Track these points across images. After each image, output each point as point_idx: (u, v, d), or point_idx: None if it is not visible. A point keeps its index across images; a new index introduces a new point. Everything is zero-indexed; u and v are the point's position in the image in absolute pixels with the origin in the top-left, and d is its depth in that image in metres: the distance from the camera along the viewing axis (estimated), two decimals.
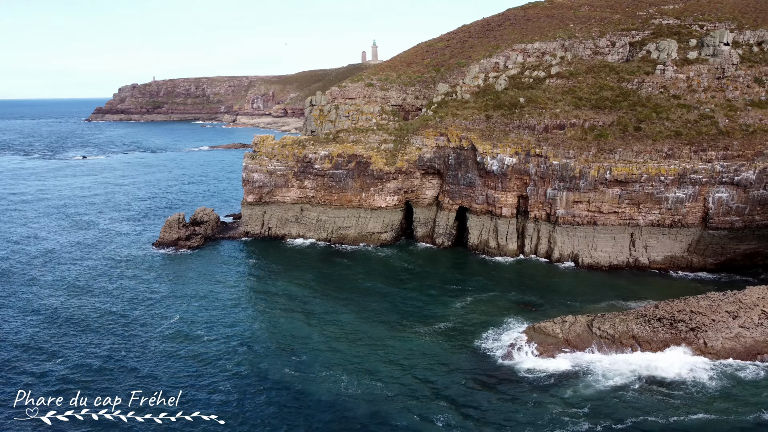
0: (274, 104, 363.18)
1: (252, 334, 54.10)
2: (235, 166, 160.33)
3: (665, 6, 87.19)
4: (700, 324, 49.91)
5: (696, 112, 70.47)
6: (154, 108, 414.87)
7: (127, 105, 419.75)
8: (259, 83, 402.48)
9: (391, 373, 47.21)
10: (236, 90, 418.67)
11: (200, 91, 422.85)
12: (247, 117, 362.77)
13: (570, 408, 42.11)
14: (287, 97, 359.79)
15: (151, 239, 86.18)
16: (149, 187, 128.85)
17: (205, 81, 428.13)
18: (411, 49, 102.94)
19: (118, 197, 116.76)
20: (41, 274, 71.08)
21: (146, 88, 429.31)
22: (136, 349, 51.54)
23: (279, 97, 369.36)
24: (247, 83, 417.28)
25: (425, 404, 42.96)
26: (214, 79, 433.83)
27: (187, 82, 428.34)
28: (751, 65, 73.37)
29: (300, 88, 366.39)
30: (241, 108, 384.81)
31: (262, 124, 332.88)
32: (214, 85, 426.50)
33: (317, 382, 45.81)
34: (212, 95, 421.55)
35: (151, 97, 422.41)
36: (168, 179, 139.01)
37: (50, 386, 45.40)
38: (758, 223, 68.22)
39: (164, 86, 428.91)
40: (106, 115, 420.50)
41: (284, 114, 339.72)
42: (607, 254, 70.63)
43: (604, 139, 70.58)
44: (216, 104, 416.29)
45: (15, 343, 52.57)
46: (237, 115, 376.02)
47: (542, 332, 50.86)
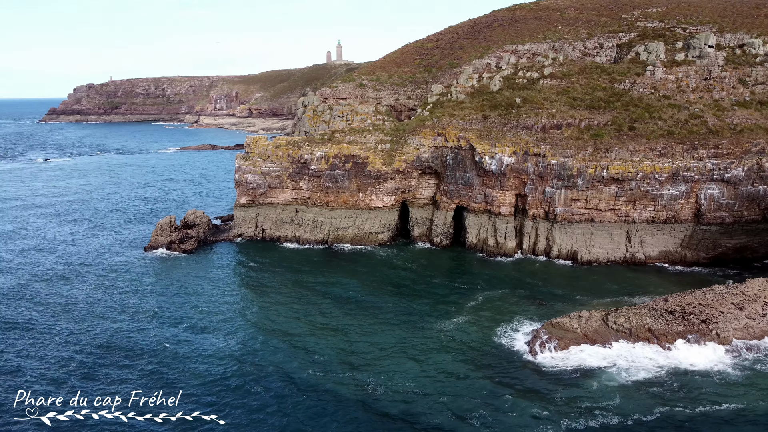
0: (238, 105, 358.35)
1: (260, 336, 53.51)
2: (211, 168, 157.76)
3: (648, 9, 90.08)
4: (710, 316, 51.85)
5: (686, 112, 73.05)
6: (112, 109, 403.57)
7: (84, 105, 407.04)
8: (221, 83, 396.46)
9: (417, 371, 47.41)
10: (197, 90, 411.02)
11: (160, 91, 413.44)
12: (211, 117, 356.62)
13: (599, 401, 43.12)
14: (252, 97, 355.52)
15: (141, 243, 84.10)
16: (126, 189, 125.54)
17: (165, 81, 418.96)
18: (399, 50, 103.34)
19: (96, 201, 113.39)
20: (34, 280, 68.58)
21: (103, 88, 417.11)
22: (137, 350, 50.78)
23: (243, 97, 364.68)
24: (208, 83, 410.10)
25: (457, 400, 43.34)
26: (175, 78, 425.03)
27: (146, 82, 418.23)
28: (735, 67, 76.47)
29: (264, 88, 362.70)
30: (203, 108, 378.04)
31: (227, 125, 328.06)
32: (175, 85, 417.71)
33: (343, 382, 45.65)
34: (173, 95, 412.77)
35: (109, 98, 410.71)
36: (144, 182, 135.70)
37: (50, 386, 44.66)
38: (746, 218, 71.19)
39: (122, 86, 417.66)
40: (61, 116, 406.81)
41: (249, 114, 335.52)
42: (605, 250, 72.51)
43: (600, 138, 72.43)
44: (177, 105, 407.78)
45: (14, 348, 50.84)
46: (199, 115, 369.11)
47: (560, 327, 51.95)
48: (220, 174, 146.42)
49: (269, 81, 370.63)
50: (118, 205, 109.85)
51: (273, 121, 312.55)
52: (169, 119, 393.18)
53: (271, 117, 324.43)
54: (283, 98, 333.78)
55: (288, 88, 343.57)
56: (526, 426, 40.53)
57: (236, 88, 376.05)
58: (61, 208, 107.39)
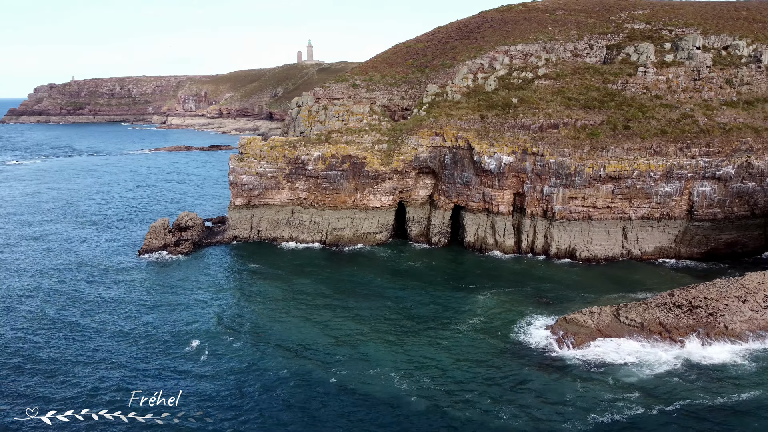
0: (208, 105, 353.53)
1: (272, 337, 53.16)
2: (190, 169, 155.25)
3: (635, 11, 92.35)
4: (716, 309, 53.53)
5: (678, 112, 75.17)
6: (76, 109, 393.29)
7: (45, 106, 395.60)
8: (188, 83, 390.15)
9: (438, 370, 47.72)
10: (164, 90, 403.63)
11: (125, 91, 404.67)
12: (179, 118, 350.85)
13: (621, 394, 44.12)
14: (221, 97, 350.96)
15: (133, 247, 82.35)
16: (108, 192, 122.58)
17: (131, 81, 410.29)
18: (390, 50, 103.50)
19: (79, 204, 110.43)
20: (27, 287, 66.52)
21: (66, 88, 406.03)
22: (138, 351, 50.23)
23: (212, 97, 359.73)
24: (175, 83, 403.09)
25: (482, 396, 43.83)
26: (140, 78, 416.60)
27: (110, 82, 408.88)
28: (722, 68, 79.03)
29: (234, 88, 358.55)
30: (171, 109, 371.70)
31: (196, 126, 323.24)
32: (141, 85, 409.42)
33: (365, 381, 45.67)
34: (139, 96, 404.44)
35: (72, 98, 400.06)
36: (124, 184, 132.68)
37: (50, 388, 44.38)
38: (737, 214, 73.66)
39: (86, 86, 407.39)
40: (21, 117, 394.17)
41: (219, 115, 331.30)
42: (603, 247, 74.10)
43: (596, 137, 73.97)
44: (143, 105, 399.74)
45: (12, 356, 49.48)
46: (167, 116, 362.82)
47: (574, 323, 52.97)
48: (200, 175, 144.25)
49: (239, 81, 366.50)
50: (100, 208, 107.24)
51: (245, 122, 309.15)
52: (136, 120, 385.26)
53: (242, 117, 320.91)
54: (254, 98, 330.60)
55: (258, 88, 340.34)
56: (553, 420, 41.25)
57: (205, 88, 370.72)
58: (41, 212, 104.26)
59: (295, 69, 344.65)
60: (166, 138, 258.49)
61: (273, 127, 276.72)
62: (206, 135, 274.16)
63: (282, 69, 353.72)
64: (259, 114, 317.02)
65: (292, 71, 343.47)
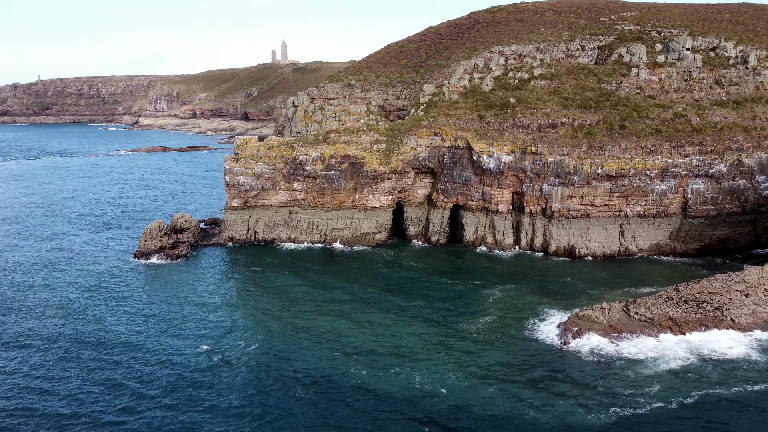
0: (181, 105, 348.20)
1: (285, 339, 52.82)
2: (173, 170, 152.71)
3: (624, 13, 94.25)
4: (721, 303, 55.03)
5: (671, 111, 76.99)
6: (42, 110, 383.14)
7: (10, 106, 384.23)
8: (160, 83, 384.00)
9: (457, 367, 48.03)
10: (134, 90, 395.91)
11: (94, 91, 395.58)
12: (151, 118, 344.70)
13: (640, 388, 45.00)
14: (195, 97, 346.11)
15: (127, 250, 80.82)
16: (92, 194, 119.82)
17: (100, 80, 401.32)
18: (382, 50, 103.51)
19: (64, 207, 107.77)
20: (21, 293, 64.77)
21: (31, 87, 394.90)
22: (149, 358, 49.43)
23: (185, 97, 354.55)
24: (146, 83, 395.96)
25: (505, 393, 44.36)
26: (110, 78, 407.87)
27: (78, 82, 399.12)
28: (711, 68, 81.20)
29: (207, 88, 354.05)
30: (142, 109, 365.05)
31: (170, 126, 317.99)
32: (110, 85, 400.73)
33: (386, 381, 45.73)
34: (108, 96, 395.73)
35: (38, 98, 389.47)
36: (107, 186, 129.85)
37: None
38: (728, 211, 75.80)
39: (52, 86, 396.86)
40: None
41: (193, 115, 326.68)
42: (601, 244, 75.45)
43: (594, 136, 75.28)
44: (113, 105, 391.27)
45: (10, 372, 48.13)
46: (138, 116, 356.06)
47: (587, 319, 53.87)
48: (184, 176, 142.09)
49: (212, 81, 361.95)
50: (87, 210, 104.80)
51: (219, 122, 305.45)
52: (105, 120, 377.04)
53: (216, 118, 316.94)
54: (228, 98, 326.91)
55: (233, 88, 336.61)
56: (576, 414, 41.92)
57: (177, 87, 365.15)
58: (25, 216, 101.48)
59: (270, 69, 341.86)
60: (140, 139, 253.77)
61: (249, 128, 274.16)
62: (182, 135, 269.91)
63: (256, 69, 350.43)
64: (233, 114, 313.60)
65: (267, 71, 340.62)
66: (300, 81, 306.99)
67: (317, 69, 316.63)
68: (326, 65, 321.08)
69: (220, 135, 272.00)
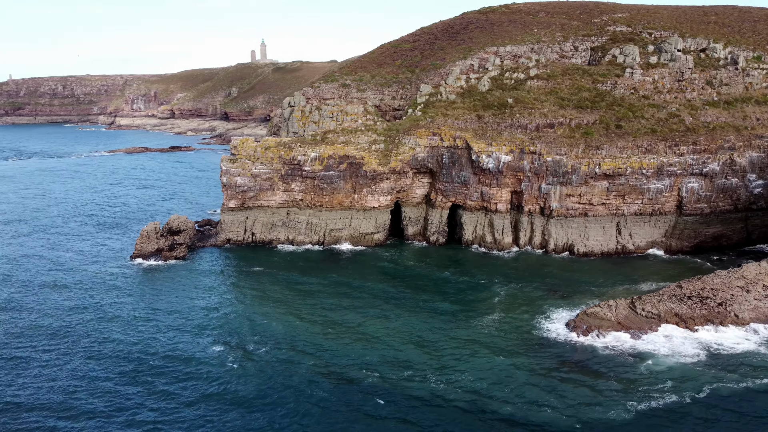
0: (158, 105, 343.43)
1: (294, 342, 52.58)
2: (158, 171, 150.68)
3: (615, 14, 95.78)
4: (724, 299, 56.29)
5: (665, 111, 78.47)
6: (15, 110, 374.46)
7: None
8: (136, 83, 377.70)
9: (471, 365, 48.33)
10: (110, 90, 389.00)
11: (69, 90, 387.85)
12: (128, 119, 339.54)
13: (653, 383, 45.76)
14: (173, 97, 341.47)
15: (123, 252, 79.63)
16: (79, 196, 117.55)
17: (74, 80, 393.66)
18: (376, 50, 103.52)
19: (51, 209, 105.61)
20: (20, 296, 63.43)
21: (3, 87, 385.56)
22: (161, 365, 48.62)
23: (163, 97, 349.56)
24: (122, 82, 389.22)
25: (522, 390, 44.78)
26: (84, 78, 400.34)
27: (52, 81, 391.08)
28: (702, 69, 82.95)
29: (186, 88, 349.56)
30: (118, 109, 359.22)
31: (148, 126, 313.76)
32: (85, 85, 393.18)
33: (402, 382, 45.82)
34: (83, 95, 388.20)
35: (10, 98, 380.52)
36: (94, 187, 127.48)
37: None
38: (721, 209, 77.53)
39: (25, 85, 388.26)
40: None
41: (171, 115, 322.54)
42: (599, 242, 76.55)
43: (591, 136, 76.37)
44: (88, 105, 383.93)
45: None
46: (115, 116, 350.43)
47: (596, 316, 54.66)
48: (170, 177, 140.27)
49: (190, 80, 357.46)
50: (77, 212, 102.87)
51: (199, 122, 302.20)
52: (81, 120, 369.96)
53: (195, 118, 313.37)
54: (208, 98, 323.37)
55: (212, 87, 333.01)
56: (594, 410, 42.43)
57: (155, 87, 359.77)
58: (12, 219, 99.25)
59: (249, 68, 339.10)
60: (119, 139, 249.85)
61: (230, 128, 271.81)
62: (161, 136, 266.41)
63: (235, 68, 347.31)
64: (213, 114, 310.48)
65: (246, 71, 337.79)
66: (280, 81, 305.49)
67: (298, 69, 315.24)
68: (306, 65, 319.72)
69: (201, 135, 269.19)
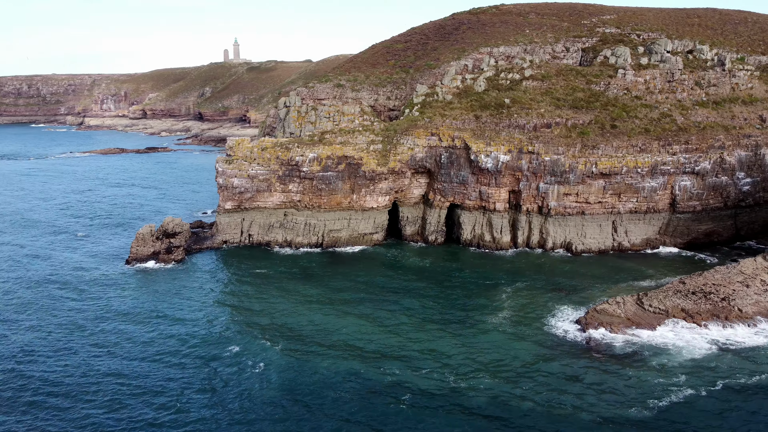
0: (129, 105, 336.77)
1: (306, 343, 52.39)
2: (140, 172, 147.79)
3: (603, 16, 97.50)
4: (726, 294, 57.83)
5: (657, 111, 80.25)
6: None
7: None
8: (105, 82, 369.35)
9: (487, 366, 48.66)
10: (78, 89, 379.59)
11: (34, 90, 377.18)
12: (98, 119, 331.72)
13: (669, 378, 46.76)
14: (144, 97, 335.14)
15: (116, 255, 78.05)
16: (62, 198, 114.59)
17: (40, 79, 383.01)
18: (368, 50, 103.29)
19: (33, 213, 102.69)
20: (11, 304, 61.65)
21: None
22: (176, 371, 47.74)
23: (133, 97, 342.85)
24: (90, 82, 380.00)
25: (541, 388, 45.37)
26: (50, 77, 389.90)
27: (16, 81, 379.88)
28: (691, 70, 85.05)
29: (157, 87, 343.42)
30: (87, 109, 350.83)
31: (119, 127, 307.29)
32: (51, 84, 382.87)
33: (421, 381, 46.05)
34: (49, 95, 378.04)
35: None
36: (75, 189, 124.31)
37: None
38: (712, 206, 79.65)
39: None
40: None
41: (143, 115, 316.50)
42: (596, 240, 77.87)
43: (587, 136, 77.63)
44: (55, 105, 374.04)
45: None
46: (84, 116, 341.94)
47: (605, 313, 55.62)
48: (153, 179, 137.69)
49: (162, 80, 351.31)
50: (62, 215, 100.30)
51: (172, 122, 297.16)
52: (48, 121, 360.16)
53: (168, 118, 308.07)
54: (180, 98, 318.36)
55: (184, 87, 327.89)
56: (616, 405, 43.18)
57: (125, 87, 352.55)
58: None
59: (223, 68, 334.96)
60: (91, 140, 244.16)
61: (205, 128, 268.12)
62: (135, 137, 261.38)
63: (208, 68, 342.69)
64: (186, 114, 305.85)
65: (220, 70, 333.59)
66: (255, 80, 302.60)
67: (273, 68, 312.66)
68: (281, 65, 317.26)
69: (176, 136, 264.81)
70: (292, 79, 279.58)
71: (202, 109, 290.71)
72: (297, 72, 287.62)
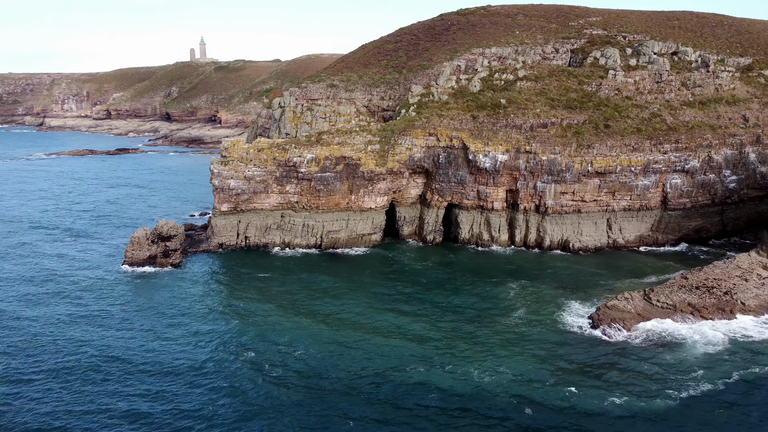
0: (92, 105, 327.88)
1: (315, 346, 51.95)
2: (116, 174, 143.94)
3: (590, 18, 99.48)
4: (728, 288, 59.75)
5: (648, 111, 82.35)
6: None
7: None
8: (65, 82, 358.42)
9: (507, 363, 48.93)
10: (36, 89, 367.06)
11: None
12: (59, 119, 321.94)
13: (686, 372, 47.80)
14: (108, 97, 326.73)
15: (110, 259, 75.96)
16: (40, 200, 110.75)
17: None
18: (358, 50, 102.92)
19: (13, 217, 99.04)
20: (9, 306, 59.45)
21: None
22: (165, 370, 47.04)
23: (97, 97, 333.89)
24: (48, 81, 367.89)
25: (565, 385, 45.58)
26: (5, 76, 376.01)
27: None
28: (677, 71, 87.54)
29: (121, 87, 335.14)
30: (47, 109, 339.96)
31: (83, 127, 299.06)
32: (7, 84, 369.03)
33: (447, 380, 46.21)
34: (5, 95, 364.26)
35: None
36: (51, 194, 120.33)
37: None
38: (701, 203, 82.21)
39: None
40: None
41: (108, 116, 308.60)
42: (592, 238, 79.48)
43: (582, 135, 79.16)
44: (12, 105, 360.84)
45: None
46: (44, 117, 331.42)
47: (616, 309, 56.78)
48: (131, 181, 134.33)
49: (126, 80, 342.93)
50: (44, 219, 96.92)
51: (139, 123, 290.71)
52: (5, 122, 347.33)
53: (134, 118, 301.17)
54: (146, 98, 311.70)
55: (150, 87, 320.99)
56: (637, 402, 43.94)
57: (87, 86, 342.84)
58: None
59: (190, 67, 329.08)
60: (55, 141, 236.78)
61: (174, 129, 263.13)
62: (102, 137, 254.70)
63: (174, 67, 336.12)
64: (152, 115, 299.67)
65: (186, 70, 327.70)
66: (224, 80, 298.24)
67: (241, 68, 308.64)
68: (250, 64, 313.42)
69: (145, 136, 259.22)
70: (262, 78, 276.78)
71: (169, 110, 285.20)
72: (267, 72, 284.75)
